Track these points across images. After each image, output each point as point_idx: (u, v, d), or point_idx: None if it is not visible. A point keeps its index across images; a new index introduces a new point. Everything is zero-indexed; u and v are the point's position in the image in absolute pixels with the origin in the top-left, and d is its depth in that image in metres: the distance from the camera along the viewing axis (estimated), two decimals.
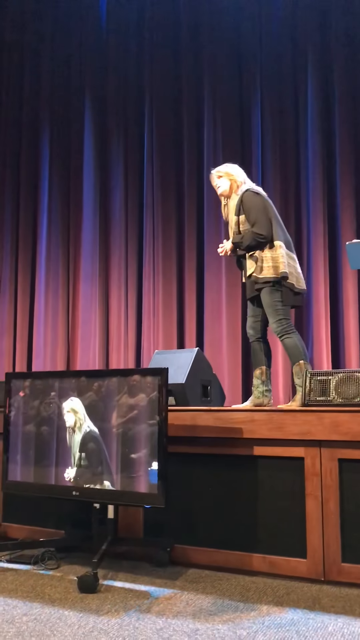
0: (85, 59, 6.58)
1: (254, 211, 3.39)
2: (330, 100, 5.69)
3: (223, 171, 3.60)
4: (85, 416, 2.89)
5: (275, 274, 3.32)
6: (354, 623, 2.18)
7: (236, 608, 2.34)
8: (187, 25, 6.22)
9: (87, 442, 2.87)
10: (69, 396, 2.97)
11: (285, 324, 3.34)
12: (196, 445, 3.00)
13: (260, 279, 3.35)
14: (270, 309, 3.34)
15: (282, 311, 3.34)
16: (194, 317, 5.86)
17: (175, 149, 6.18)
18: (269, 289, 3.34)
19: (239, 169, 3.64)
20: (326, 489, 2.69)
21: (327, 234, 5.53)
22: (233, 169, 3.60)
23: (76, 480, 2.87)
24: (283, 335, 3.33)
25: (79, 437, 2.89)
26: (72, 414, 2.93)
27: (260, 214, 3.37)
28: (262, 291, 3.37)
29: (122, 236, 6.21)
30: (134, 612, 2.30)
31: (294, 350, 3.33)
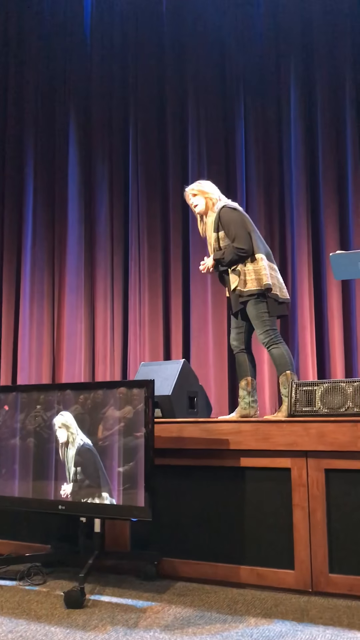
0: (69, 75, 6.60)
1: (232, 226, 3.41)
2: (313, 117, 5.76)
3: (197, 189, 3.63)
4: (77, 430, 2.86)
5: (259, 286, 3.34)
6: (342, 634, 2.18)
7: (224, 621, 2.33)
8: (171, 41, 6.28)
9: (82, 456, 2.84)
10: (56, 410, 2.95)
11: (272, 335, 3.35)
12: (183, 457, 2.99)
13: (244, 292, 3.36)
14: (257, 320, 3.36)
15: (268, 322, 3.36)
16: (180, 328, 5.86)
17: (160, 163, 6.21)
18: (254, 301, 3.36)
19: (213, 185, 3.67)
20: (313, 500, 2.69)
21: (311, 245, 5.58)
22: (207, 187, 3.63)
23: (73, 496, 2.84)
24: (270, 346, 3.35)
25: (73, 451, 2.87)
26: (64, 430, 2.91)
27: (240, 229, 3.40)
28: (247, 304, 3.39)
29: (107, 248, 6.21)
30: (121, 627, 2.28)
31: (281, 360, 3.34)
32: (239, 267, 3.38)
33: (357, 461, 2.63)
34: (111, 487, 2.73)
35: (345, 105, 5.64)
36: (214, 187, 3.66)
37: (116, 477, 2.73)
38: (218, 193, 3.63)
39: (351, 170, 5.54)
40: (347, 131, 5.60)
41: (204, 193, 3.59)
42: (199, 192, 3.61)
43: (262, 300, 3.36)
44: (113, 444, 2.77)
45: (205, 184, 3.66)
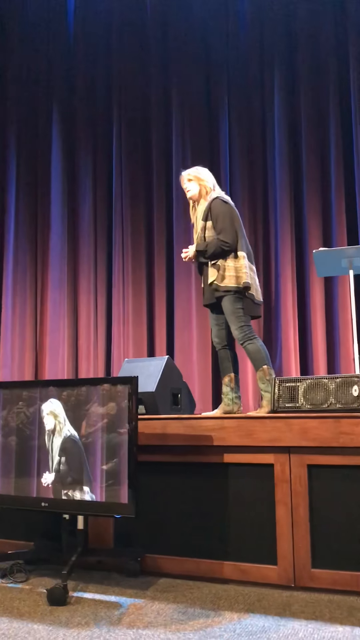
0: (53, 68, 6.56)
1: (221, 219, 3.40)
2: (296, 114, 5.79)
3: (193, 175, 3.59)
4: (65, 420, 2.85)
5: (236, 283, 3.34)
6: (324, 628, 2.20)
7: (207, 616, 2.34)
8: (155, 34, 6.27)
9: (67, 447, 2.82)
10: (44, 401, 2.93)
11: (247, 331, 3.35)
12: (167, 453, 2.99)
13: (221, 287, 3.36)
14: (232, 316, 3.35)
15: (243, 318, 3.36)
16: (164, 325, 5.86)
17: (144, 159, 6.20)
18: (230, 297, 3.35)
19: (209, 173, 3.63)
20: (296, 495, 2.71)
21: (294, 242, 5.61)
22: (203, 174, 3.59)
23: (55, 486, 2.82)
24: (245, 341, 3.34)
25: (59, 441, 2.85)
26: (51, 417, 2.89)
27: (227, 223, 3.39)
28: (223, 299, 3.38)
29: (91, 244, 6.19)
30: (105, 623, 2.28)
31: (257, 355, 3.34)
32: (219, 262, 3.38)
33: (340, 457, 2.65)
34: (94, 483, 2.72)
35: (328, 102, 5.67)
36: (210, 175, 3.62)
37: (99, 474, 2.72)
38: (213, 182, 3.60)
39: (334, 167, 5.57)
40: (331, 129, 5.63)
41: (199, 180, 3.56)
42: (195, 178, 3.58)
43: (239, 297, 3.36)
44: (96, 440, 2.76)
45: (202, 170, 3.62)
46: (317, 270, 4.39)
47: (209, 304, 3.49)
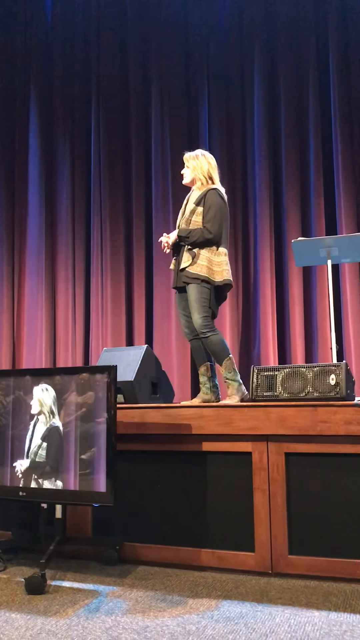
0: (29, 56, 6.46)
1: (213, 209, 3.38)
2: (276, 101, 5.79)
3: (192, 162, 3.53)
4: (54, 411, 2.81)
5: (207, 274, 3.32)
6: (300, 613, 2.22)
7: (185, 603, 2.35)
8: (134, 20, 6.21)
9: (51, 435, 2.80)
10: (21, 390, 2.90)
11: (210, 322, 3.35)
12: (145, 442, 3.00)
13: (191, 274, 3.34)
14: (197, 304, 3.33)
15: (207, 309, 3.34)
16: (143, 314, 5.85)
17: (123, 147, 6.16)
18: (198, 285, 3.34)
19: (211, 163, 3.52)
20: (273, 483, 2.73)
21: (273, 232, 5.62)
22: (203, 163, 3.50)
23: (32, 474, 2.80)
24: (209, 332, 3.32)
25: (42, 429, 2.83)
26: (37, 403, 2.86)
27: (218, 216, 3.37)
28: (190, 286, 3.37)
29: (68, 231, 6.14)
30: (83, 611, 2.28)
31: (222, 346, 3.35)
32: (196, 249, 3.37)
33: (316, 445, 2.68)
34: (72, 472, 2.71)
35: (308, 91, 5.68)
36: (209, 164, 3.52)
37: (77, 463, 2.71)
38: (212, 173, 3.51)
39: (313, 157, 5.58)
40: (310, 118, 5.63)
41: (196, 169, 3.50)
42: (192, 166, 3.52)
43: (207, 288, 3.35)
44: (75, 429, 2.75)
45: (203, 160, 3.52)
46: (295, 260, 4.41)
47: (177, 287, 3.49)
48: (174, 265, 3.52)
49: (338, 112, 5.52)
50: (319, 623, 2.12)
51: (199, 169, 3.50)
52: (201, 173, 3.49)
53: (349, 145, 5.50)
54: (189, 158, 3.56)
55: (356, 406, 2.63)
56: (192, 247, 3.38)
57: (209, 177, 3.50)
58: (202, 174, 3.49)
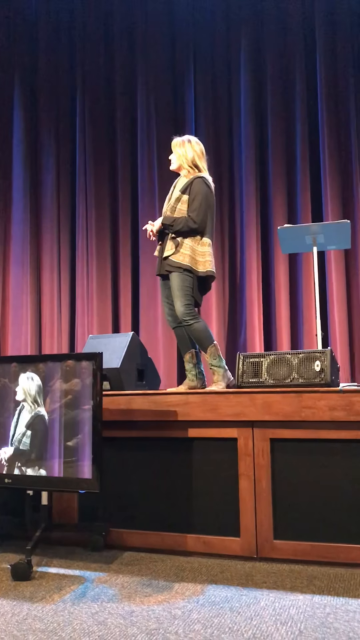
0: (14, 41, 6.36)
1: (198, 198, 3.36)
2: (263, 87, 5.76)
3: (179, 148, 3.48)
4: (40, 400, 2.80)
5: (190, 263, 3.31)
6: (285, 597, 2.25)
7: (171, 588, 2.37)
8: (120, 5, 6.13)
9: (36, 422, 2.79)
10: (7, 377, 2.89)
11: (192, 310, 3.34)
12: (131, 429, 3.00)
13: (174, 263, 3.33)
14: (180, 292, 3.32)
15: (190, 297, 3.34)
16: (129, 300, 5.83)
17: (108, 133, 6.11)
18: (181, 274, 3.33)
19: (195, 150, 3.47)
20: (258, 469, 2.75)
21: (259, 219, 5.61)
22: (189, 150, 3.46)
23: (11, 459, 2.80)
24: (192, 320, 3.32)
25: (27, 417, 2.81)
26: (22, 391, 2.85)
27: (203, 205, 3.35)
28: (173, 274, 3.36)
29: (53, 218, 6.09)
30: (69, 597, 2.29)
31: (206, 334, 3.35)
32: (179, 238, 3.36)
33: (301, 430, 2.70)
34: (59, 459, 2.71)
35: (295, 78, 5.66)
36: (197, 152, 3.47)
37: (63, 450, 2.71)
38: (198, 162, 3.46)
39: (299, 144, 5.58)
40: (297, 104, 5.62)
41: (182, 156, 3.46)
42: (178, 153, 3.48)
43: (190, 277, 3.34)
44: (60, 416, 2.74)
45: (189, 147, 3.47)
46: (281, 247, 4.41)
47: (160, 274, 3.48)
48: (158, 252, 3.50)
49: (324, 99, 5.51)
50: (303, 606, 2.15)
51: (183, 158, 3.47)
52: (186, 162, 3.46)
53: (335, 133, 5.50)
54: (176, 144, 3.52)
55: (340, 392, 2.65)
56: (176, 235, 3.36)
57: (195, 166, 3.46)
58: (187, 163, 3.46)
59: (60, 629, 1.98)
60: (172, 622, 2.02)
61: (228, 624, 2.00)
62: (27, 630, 1.98)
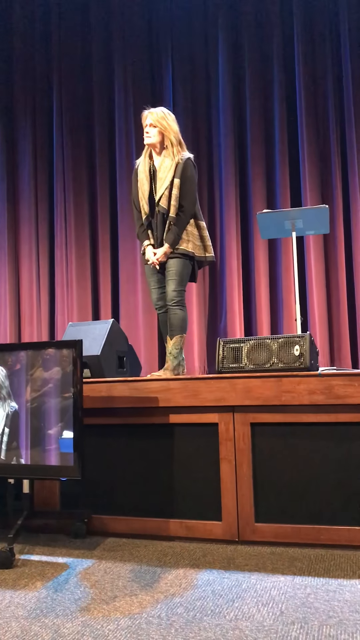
0: None
1: (189, 183, 3.33)
2: (241, 72, 5.73)
3: (159, 121, 3.33)
4: (9, 392, 2.79)
5: (192, 249, 3.34)
6: (266, 579, 2.28)
7: (154, 573, 2.38)
8: None
9: (12, 416, 2.78)
10: None
11: (183, 297, 3.38)
12: (113, 416, 3.00)
13: (179, 249, 3.34)
14: (178, 277, 3.34)
15: (184, 284, 3.38)
16: (109, 287, 5.81)
17: (86, 118, 6.05)
18: (182, 260, 3.34)
19: (176, 123, 3.39)
20: (239, 453, 2.77)
21: (238, 204, 5.62)
22: (172, 124, 3.35)
23: None
24: (178, 306, 3.35)
25: (3, 412, 2.80)
26: None
27: (194, 190, 3.35)
28: (173, 259, 3.36)
29: (31, 205, 6.03)
30: (52, 584, 2.30)
31: (182, 323, 3.38)
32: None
33: (282, 414, 2.72)
34: (39, 447, 2.70)
35: (272, 63, 5.64)
36: (177, 124, 3.38)
37: (45, 438, 2.70)
38: (179, 135, 3.38)
39: (278, 129, 5.57)
40: (275, 88, 5.61)
41: (165, 130, 3.31)
42: (159, 125, 3.32)
43: (191, 264, 3.38)
44: (41, 405, 2.73)
45: (171, 118, 3.35)
46: (261, 232, 4.41)
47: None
48: (152, 240, 3.43)
49: (302, 83, 5.50)
50: (284, 587, 2.18)
51: (171, 132, 3.33)
52: (174, 136, 3.34)
53: (313, 117, 5.50)
54: (157, 117, 3.34)
55: (320, 376, 2.67)
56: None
57: (179, 142, 3.37)
58: (175, 137, 3.34)
59: (44, 615, 1.99)
60: (155, 606, 2.04)
61: (210, 607, 2.02)
62: (10, 617, 1.98)
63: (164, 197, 3.34)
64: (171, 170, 3.32)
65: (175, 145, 3.35)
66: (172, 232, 3.31)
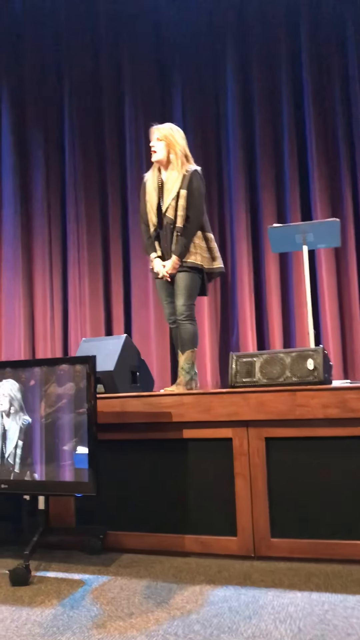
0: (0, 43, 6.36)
1: (197, 194, 3.34)
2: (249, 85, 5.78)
3: (165, 135, 3.37)
4: (22, 406, 2.81)
5: (201, 262, 3.34)
6: (283, 595, 2.26)
7: (170, 589, 2.38)
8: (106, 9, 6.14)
9: (26, 431, 2.80)
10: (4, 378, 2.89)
11: (192, 311, 3.38)
12: (126, 431, 3.00)
13: (187, 263, 3.35)
14: (187, 291, 3.35)
15: (194, 298, 3.39)
16: (121, 303, 5.84)
17: (97, 132, 6.12)
18: (191, 274, 3.35)
19: (184, 137, 3.42)
20: (254, 468, 2.76)
21: (249, 218, 5.64)
22: (178, 138, 3.39)
23: (14, 467, 2.80)
24: (188, 320, 3.36)
25: (16, 426, 2.81)
26: (7, 399, 2.85)
27: (201, 201, 3.35)
28: (182, 273, 3.37)
29: (44, 221, 6.09)
30: (68, 601, 2.29)
31: (193, 338, 3.38)
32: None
33: (295, 429, 2.71)
34: (54, 463, 2.71)
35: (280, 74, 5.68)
36: (184, 139, 3.41)
37: (59, 454, 2.71)
38: (187, 150, 3.41)
39: (287, 143, 5.61)
40: (283, 102, 5.65)
41: (171, 145, 3.36)
42: (165, 139, 3.37)
43: (200, 277, 3.38)
44: (55, 420, 2.75)
45: (178, 133, 3.40)
46: (271, 247, 4.42)
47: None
48: (160, 252, 3.46)
49: (311, 97, 5.54)
50: (301, 604, 2.16)
51: (176, 146, 3.37)
52: (180, 149, 3.37)
53: (322, 130, 5.54)
54: (164, 133, 3.39)
55: (334, 390, 2.66)
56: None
57: (185, 155, 3.40)
58: (181, 150, 3.37)
59: (60, 633, 1.98)
60: (172, 623, 2.03)
61: (227, 624, 2.01)
62: (27, 635, 1.98)
63: (171, 207, 3.36)
64: (178, 182, 3.35)
65: (181, 158, 3.38)
66: (179, 243, 3.33)
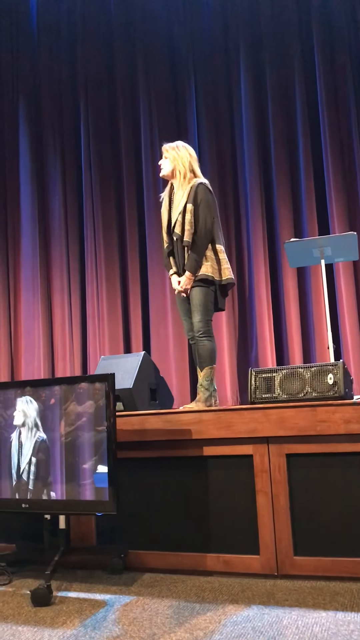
0: (17, 62, 6.48)
1: (204, 205, 3.33)
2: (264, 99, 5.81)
3: (171, 152, 3.43)
4: (38, 423, 2.82)
5: (212, 273, 3.33)
6: (307, 614, 2.22)
7: (192, 609, 2.35)
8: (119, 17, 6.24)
9: (42, 448, 2.81)
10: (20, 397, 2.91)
11: (210, 326, 3.35)
12: (146, 449, 3.00)
13: (198, 276, 3.35)
14: (202, 307, 3.34)
15: (210, 313, 3.37)
16: (140, 320, 5.86)
17: (113, 153, 6.19)
18: (204, 288, 3.34)
19: (189, 154, 3.44)
20: (275, 485, 2.73)
21: (266, 233, 5.64)
22: (182, 154, 3.42)
23: (24, 487, 2.81)
24: (206, 337, 3.33)
25: (31, 443, 2.83)
26: (21, 415, 2.87)
27: (208, 213, 3.34)
28: (195, 289, 3.36)
29: (62, 242, 6.15)
30: (90, 621, 2.28)
31: (211, 354, 3.36)
32: None
33: (317, 445, 2.68)
34: (74, 482, 2.71)
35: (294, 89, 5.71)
36: (190, 155, 3.44)
37: (79, 472, 2.71)
38: (194, 166, 3.44)
39: (302, 157, 5.61)
40: (298, 116, 5.67)
41: (176, 160, 3.40)
42: (170, 156, 3.43)
43: (213, 291, 3.36)
44: (75, 439, 2.75)
45: (183, 150, 3.44)
46: (289, 261, 4.42)
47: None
48: (174, 268, 3.48)
49: (326, 110, 5.54)
50: (326, 623, 2.12)
51: (179, 160, 3.41)
52: (182, 164, 3.40)
53: (337, 144, 5.53)
54: (168, 149, 3.46)
55: (355, 404, 2.63)
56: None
57: (191, 170, 3.43)
58: (183, 165, 3.40)
59: None
60: None
61: None
62: None
63: (178, 223, 3.38)
64: (184, 197, 3.38)
65: (184, 172, 3.41)
66: (190, 258, 3.34)
